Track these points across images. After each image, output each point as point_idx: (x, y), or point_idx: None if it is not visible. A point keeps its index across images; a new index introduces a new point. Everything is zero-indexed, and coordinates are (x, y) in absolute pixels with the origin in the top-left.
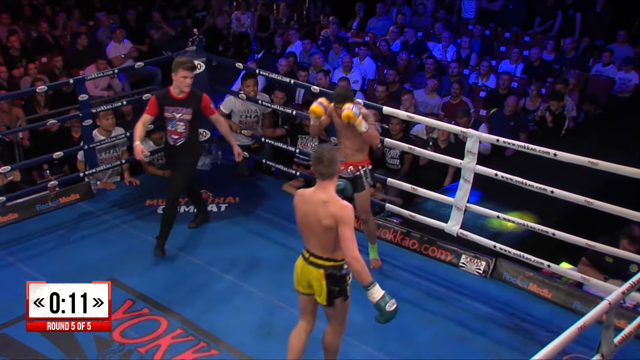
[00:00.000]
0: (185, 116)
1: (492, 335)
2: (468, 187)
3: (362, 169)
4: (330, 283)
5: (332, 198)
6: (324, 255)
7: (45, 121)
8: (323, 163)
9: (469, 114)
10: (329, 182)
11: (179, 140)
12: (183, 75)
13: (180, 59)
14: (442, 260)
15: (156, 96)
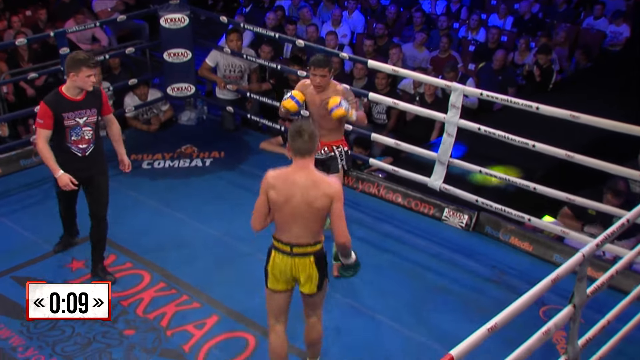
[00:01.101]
0: (91, 118)
1: (473, 287)
2: (451, 142)
3: (337, 150)
4: (320, 267)
5: (320, 177)
6: (312, 240)
7: (26, 75)
8: (303, 137)
9: (456, 68)
10: (309, 159)
11: (88, 149)
12: (87, 74)
13: (79, 56)
14: (425, 213)
15: (48, 103)
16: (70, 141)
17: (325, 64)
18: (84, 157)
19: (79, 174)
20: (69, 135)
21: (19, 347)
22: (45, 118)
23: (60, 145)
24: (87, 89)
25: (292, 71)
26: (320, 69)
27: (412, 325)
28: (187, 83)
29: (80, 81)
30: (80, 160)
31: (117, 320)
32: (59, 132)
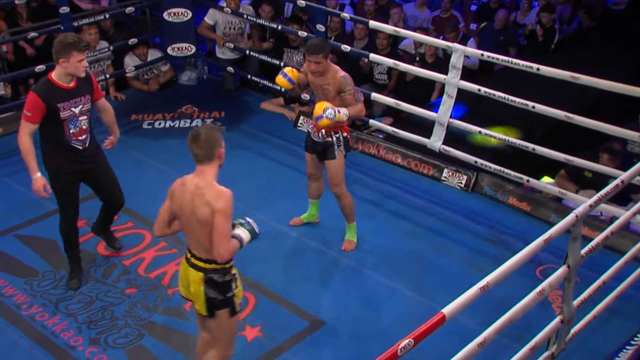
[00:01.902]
0: (86, 106)
1: (471, 246)
2: (451, 103)
3: (335, 136)
4: (210, 289)
5: (209, 184)
6: (204, 256)
7: (26, 34)
8: (197, 142)
9: (457, 28)
10: (207, 166)
11: (87, 139)
12: (79, 58)
13: (68, 39)
14: (424, 174)
15: (39, 94)
16: (69, 135)
17: (319, 50)
18: (85, 149)
19: (84, 167)
20: (67, 129)
21: (23, 304)
22: (34, 110)
23: (59, 141)
24: (79, 74)
25: (292, 31)
26: (314, 55)
27: (411, 284)
28: (188, 43)
29: (72, 67)
30: (82, 154)
31: (119, 280)
32: (55, 126)
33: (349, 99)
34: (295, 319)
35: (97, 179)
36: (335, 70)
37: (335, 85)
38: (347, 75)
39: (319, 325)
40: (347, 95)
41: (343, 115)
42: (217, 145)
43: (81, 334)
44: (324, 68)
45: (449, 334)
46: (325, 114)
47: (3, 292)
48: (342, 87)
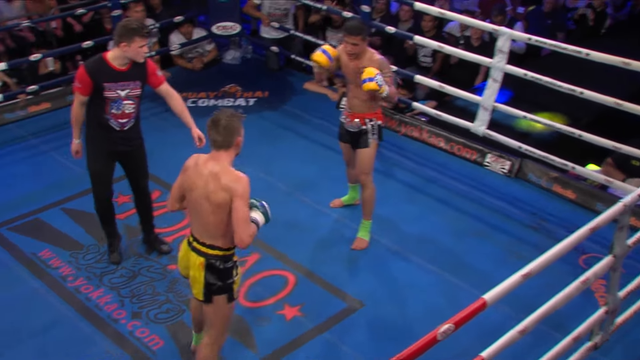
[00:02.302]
0: (134, 92)
1: (512, 233)
2: (496, 87)
3: (370, 123)
4: (210, 275)
5: (225, 169)
6: (208, 241)
7: (74, 11)
8: (217, 129)
9: (504, 11)
10: (224, 153)
11: (128, 124)
12: (140, 44)
13: (132, 25)
14: (467, 158)
15: (88, 69)
16: (109, 113)
17: (357, 31)
18: (122, 132)
19: (116, 148)
20: (109, 108)
21: (68, 276)
22: (82, 83)
23: (98, 117)
24: (138, 60)
25: (337, 12)
26: (351, 36)
27: (450, 269)
28: (233, 22)
29: (132, 52)
30: (117, 135)
31: (161, 256)
32: (98, 102)
33: (387, 81)
34: (334, 300)
35: (129, 163)
36: (371, 52)
37: (373, 67)
38: (384, 57)
39: (357, 307)
40: (386, 77)
41: (385, 90)
42: (237, 133)
43: (124, 308)
44: (360, 50)
45: (488, 319)
46: (376, 79)
47: (50, 264)
48: (381, 68)
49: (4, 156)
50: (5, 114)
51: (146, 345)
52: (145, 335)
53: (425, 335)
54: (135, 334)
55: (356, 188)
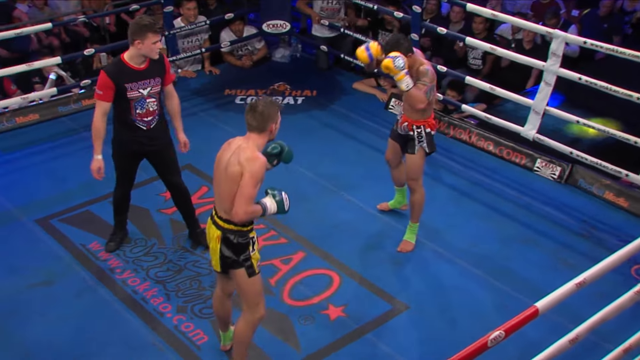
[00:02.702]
0: (155, 89)
1: (561, 240)
2: (549, 91)
3: (417, 130)
4: (226, 248)
5: (248, 147)
6: (224, 215)
7: (128, 6)
8: (253, 114)
9: (558, 14)
10: (256, 135)
11: (153, 122)
12: (154, 40)
13: (143, 21)
14: (516, 163)
15: (109, 73)
16: (135, 115)
17: (394, 47)
18: (149, 130)
19: (145, 148)
20: (134, 109)
21: (116, 268)
22: (105, 89)
23: (124, 119)
24: (152, 56)
25: (388, 11)
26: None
27: (497, 274)
28: (283, 20)
29: (146, 48)
30: (145, 134)
31: (206, 250)
32: (122, 105)
33: (419, 88)
34: (379, 301)
35: (157, 162)
36: (420, 62)
37: (416, 75)
38: (432, 69)
39: (402, 309)
40: (420, 84)
41: (404, 81)
42: (271, 120)
43: (170, 302)
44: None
45: (536, 326)
46: (394, 60)
47: (99, 256)
48: (420, 76)
49: (57, 148)
50: (59, 106)
51: (191, 340)
52: (190, 329)
53: (470, 340)
54: (180, 328)
55: (402, 191)
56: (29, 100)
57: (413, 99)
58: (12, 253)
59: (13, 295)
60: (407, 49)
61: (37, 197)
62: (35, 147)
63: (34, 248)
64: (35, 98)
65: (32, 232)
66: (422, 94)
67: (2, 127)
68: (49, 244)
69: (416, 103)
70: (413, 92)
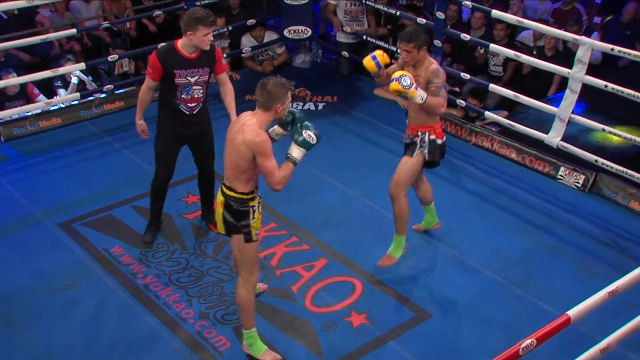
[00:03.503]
0: (203, 78)
1: (586, 249)
2: (574, 98)
3: (420, 136)
4: (227, 212)
5: (252, 124)
6: (227, 183)
7: (151, 12)
8: (261, 91)
9: (580, 21)
10: (262, 113)
11: (196, 108)
12: (205, 32)
13: (197, 14)
14: (539, 171)
15: (160, 57)
16: (179, 99)
17: (409, 38)
18: (191, 115)
19: (185, 131)
20: (179, 93)
21: (139, 273)
22: (153, 68)
23: (169, 101)
24: (204, 48)
25: (411, 17)
26: (404, 42)
27: (519, 283)
28: (304, 26)
29: (198, 40)
30: (187, 119)
31: (229, 257)
32: (169, 88)
33: (432, 91)
34: (402, 309)
35: (196, 147)
36: (429, 62)
37: (426, 77)
38: (441, 69)
39: (425, 317)
40: (432, 87)
41: (418, 96)
42: (277, 100)
43: (192, 307)
44: (414, 59)
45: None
46: (401, 79)
47: (121, 261)
48: (431, 77)
49: (79, 152)
50: (81, 111)
51: (213, 346)
52: (212, 335)
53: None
54: (203, 333)
55: (430, 210)
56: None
57: (432, 108)
58: (36, 256)
59: (36, 298)
60: (423, 41)
61: (59, 200)
62: (58, 151)
63: (57, 251)
64: (58, 102)
65: (55, 235)
66: (439, 99)
67: (25, 130)
68: (71, 247)
69: (437, 110)
70: (429, 102)
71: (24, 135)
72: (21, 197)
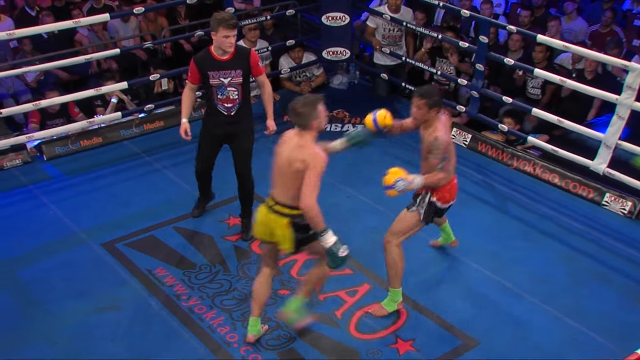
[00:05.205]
0: (236, 79)
1: (634, 277)
2: (621, 124)
3: (423, 195)
4: (296, 231)
5: (308, 144)
6: (289, 202)
7: (193, 32)
8: (294, 114)
9: (620, 44)
10: (304, 131)
11: (233, 109)
12: (224, 34)
13: (220, 16)
14: (583, 197)
15: (195, 60)
16: (216, 99)
17: (422, 95)
18: (229, 116)
19: (223, 130)
20: (216, 94)
21: (182, 295)
22: (192, 72)
23: (209, 101)
24: (224, 49)
25: (452, 41)
26: (416, 97)
27: (568, 312)
28: (343, 47)
29: (218, 41)
30: (225, 119)
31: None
32: (207, 89)
33: (432, 163)
34: (448, 336)
35: (234, 148)
36: (435, 128)
37: (428, 143)
38: (443, 137)
39: (472, 345)
40: (431, 159)
41: (415, 186)
42: (311, 118)
43: (236, 331)
44: (422, 116)
45: None
46: (395, 185)
47: (164, 282)
48: (431, 147)
49: (120, 172)
50: (122, 130)
51: None
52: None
53: None
54: (248, 359)
55: (445, 229)
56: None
57: (433, 185)
58: (80, 276)
59: (82, 318)
60: (434, 102)
61: (102, 220)
62: (99, 171)
63: (101, 272)
64: (100, 122)
65: (99, 255)
66: (436, 175)
67: (67, 149)
68: (115, 268)
69: (437, 185)
70: (426, 183)
71: (65, 154)
72: (65, 216)
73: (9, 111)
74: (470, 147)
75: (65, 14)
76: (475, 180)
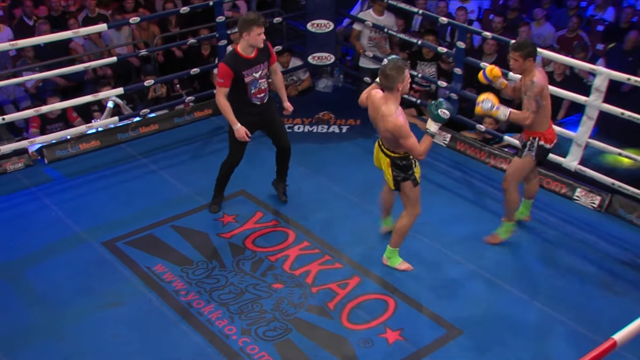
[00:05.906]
0: (264, 71)
1: (606, 268)
2: (590, 125)
3: (531, 140)
4: (395, 170)
5: (390, 113)
6: (387, 146)
7: (186, 40)
8: (383, 76)
9: (586, 48)
10: (389, 94)
11: (265, 97)
12: (258, 32)
13: (250, 17)
14: (556, 192)
15: (229, 65)
16: (250, 94)
17: (516, 47)
18: (262, 104)
19: (259, 118)
20: (250, 90)
21: (181, 290)
22: (225, 77)
23: (242, 99)
24: (258, 46)
25: (431, 46)
26: (512, 51)
27: (543, 300)
28: (328, 52)
29: (253, 39)
30: (259, 108)
31: (266, 274)
32: (240, 88)
33: (524, 104)
34: (433, 326)
35: (268, 125)
36: (532, 75)
37: (525, 88)
38: (539, 81)
39: (456, 334)
40: (525, 100)
41: (501, 114)
42: (397, 81)
43: (234, 324)
44: (519, 67)
45: None
46: (481, 104)
47: (163, 278)
48: (526, 89)
49: (118, 174)
50: (119, 133)
51: None
52: (255, 352)
53: None
54: (246, 350)
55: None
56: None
57: (517, 122)
58: (82, 274)
59: (85, 315)
60: (528, 52)
61: (102, 220)
62: (98, 173)
63: (102, 269)
64: (98, 126)
65: (100, 254)
66: (523, 113)
67: (67, 153)
68: (115, 265)
69: (522, 123)
70: (512, 118)
71: (65, 157)
72: (66, 217)
73: (11, 117)
74: (449, 146)
75: (62, 23)
76: (455, 177)
